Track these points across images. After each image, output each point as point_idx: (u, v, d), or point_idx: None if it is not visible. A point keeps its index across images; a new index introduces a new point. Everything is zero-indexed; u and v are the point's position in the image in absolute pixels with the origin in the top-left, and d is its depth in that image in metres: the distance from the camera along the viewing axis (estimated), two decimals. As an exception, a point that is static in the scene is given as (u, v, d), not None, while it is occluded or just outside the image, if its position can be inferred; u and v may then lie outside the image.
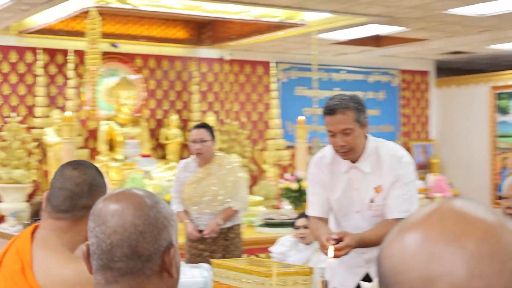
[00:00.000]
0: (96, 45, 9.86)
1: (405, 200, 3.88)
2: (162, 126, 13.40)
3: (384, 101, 16.07)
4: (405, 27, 11.94)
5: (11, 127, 11.80)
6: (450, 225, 1.01)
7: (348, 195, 4.00)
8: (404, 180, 3.91)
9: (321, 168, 4.08)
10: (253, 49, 14.02)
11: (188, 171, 6.41)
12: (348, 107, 3.82)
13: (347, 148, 3.84)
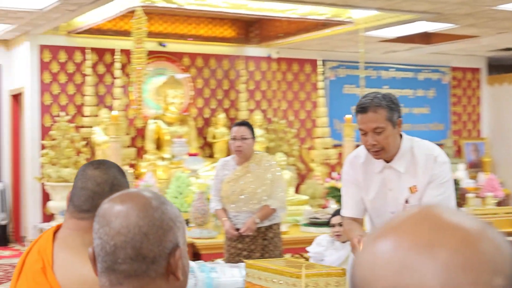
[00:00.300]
0: (142, 44, 9.90)
1: (441, 201, 3.77)
2: (210, 125, 13.42)
3: (434, 99, 15.86)
4: (454, 24, 11.76)
5: (60, 126, 11.93)
6: (424, 233, 0.94)
7: (382, 196, 3.91)
8: (440, 180, 3.79)
9: (355, 168, 3.99)
10: (300, 47, 13.96)
11: (227, 169, 6.37)
12: (380, 105, 3.72)
13: (378, 147, 3.74)
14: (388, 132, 3.73)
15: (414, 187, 3.83)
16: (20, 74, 12.59)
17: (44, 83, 12.34)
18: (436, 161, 3.80)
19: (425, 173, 3.79)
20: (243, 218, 6.30)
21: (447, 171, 3.84)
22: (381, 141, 3.72)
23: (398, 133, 3.81)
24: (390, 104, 3.75)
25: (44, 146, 11.95)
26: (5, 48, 13.03)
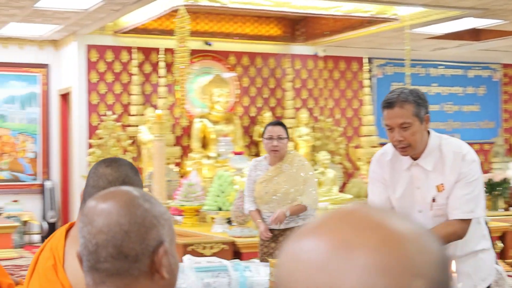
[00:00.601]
0: (185, 43, 9.93)
1: (469, 200, 3.66)
2: (256, 124, 13.41)
3: (484, 97, 15.63)
4: (503, 20, 11.57)
5: (107, 125, 12.05)
6: (345, 233, 0.90)
7: (409, 194, 3.82)
8: (468, 179, 3.69)
9: (382, 165, 3.90)
10: (347, 45, 13.87)
11: (259, 169, 6.33)
12: (407, 100, 3.63)
13: (404, 143, 3.64)
14: (415, 128, 3.63)
15: (442, 185, 3.74)
16: (68, 74, 12.74)
17: (91, 82, 12.47)
18: (464, 159, 3.70)
19: (453, 171, 3.70)
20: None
21: (475, 170, 3.73)
22: (408, 137, 3.63)
23: (425, 130, 3.72)
24: (417, 99, 3.66)
25: (91, 145, 12.08)
26: (54, 48, 13.21)
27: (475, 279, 3.82)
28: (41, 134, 13.18)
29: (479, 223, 3.85)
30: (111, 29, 12.45)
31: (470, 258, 3.82)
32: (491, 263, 3.94)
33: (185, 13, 9.88)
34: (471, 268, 3.81)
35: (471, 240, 3.79)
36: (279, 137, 6.16)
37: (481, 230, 3.88)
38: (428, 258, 0.90)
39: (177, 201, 10.10)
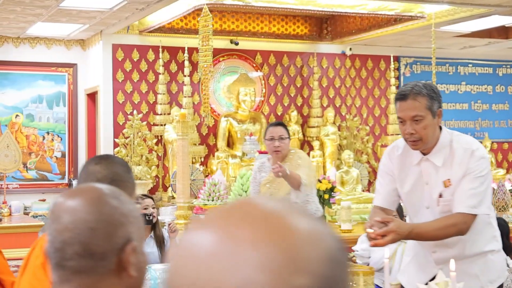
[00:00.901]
0: (208, 42, 9.92)
1: (474, 195, 3.57)
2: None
3: (514, 95, 15.46)
4: (530, 17, 11.41)
5: (133, 124, 12.08)
6: (233, 226, 0.85)
7: (418, 189, 3.76)
8: (475, 174, 3.61)
9: (392, 159, 3.86)
10: (375, 43, 13.78)
11: (264, 171, 6.31)
12: (421, 93, 3.58)
13: (416, 136, 3.59)
14: (427, 122, 3.59)
15: (448, 180, 3.68)
16: (94, 73, 12.79)
17: (118, 81, 12.51)
18: (473, 155, 3.64)
19: (461, 166, 3.64)
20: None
21: (484, 167, 3.66)
22: (420, 130, 3.58)
23: (437, 124, 3.67)
24: (430, 92, 3.61)
25: (117, 144, 12.12)
26: (81, 48, 13.27)
27: (483, 281, 3.75)
28: (68, 133, 13.25)
29: (490, 223, 3.79)
30: (137, 29, 12.48)
31: (479, 259, 3.75)
32: (502, 265, 3.86)
33: (208, 11, 9.86)
34: (479, 270, 3.74)
35: (479, 241, 3.73)
36: (280, 138, 6.14)
37: (491, 231, 3.81)
38: (316, 254, 0.85)
39: (200, 200, 10.10)
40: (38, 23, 11.60)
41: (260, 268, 0.82)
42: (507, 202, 9.79)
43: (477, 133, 15.01)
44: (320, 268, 0.84)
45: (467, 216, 3.58)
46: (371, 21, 12.44)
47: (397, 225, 3.48)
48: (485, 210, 3.64)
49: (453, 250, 3.73)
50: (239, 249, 0.83)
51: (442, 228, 3.56)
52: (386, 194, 3.87)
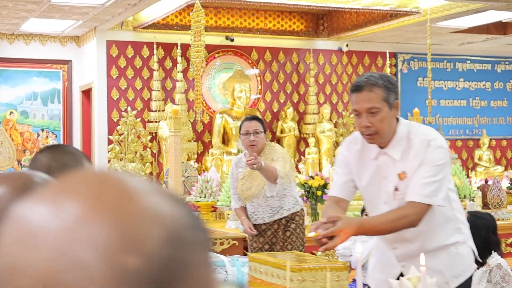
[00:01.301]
0: (200, 38, 9.83)
1: (428, 184, 3.37)
2: (279, 119, 13.29)
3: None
4: (527, 12, 11.31)
5: (127, 121, 12.00)
6: (61, 198, 0.76)
7: (375, 183, 3.59)
8: (431, 163, 3.40)
9: (350, 150, 3.69)
10: (372, 39, 13.68)
11: (241, 166, 6.24)
12: (377, 84, 3.41)
13: (372, 130, 3.42)
14: (383, 114, 3.42)
15: (404, 173, 3.52)
16: (89, 70, 12.72)
17: (112, 78, 12.44)
18: (429, 145, 3.46)
19: (416, 157, 3.47)
20: (261, 213, 6.19)
21: (441, 156, 3.46)
22: (376, 123, 3.41)
23: (394, 117, 3.50)
24: (387, 83, 3.45)
25: (111, 141, 12.05)
26: (76, 44, 13.20)
27: (447, 276, 3.60)
28: (62, 130, 13.18)
29: (453, 215, 3.65)
30: (131, 25, 12.41)
31: (442, 253, 3.60)
32: (468, 258, 3.70)
33: (200, 7, 9.77)
34: (443, 264, 3.59)
35: (441, 234, 3.58)
36: (255, 132, 6.06)
37: (455, 223, 3.65)
38: (154, 233, 0.75)
39: (192, 197, 10.02)
40: (31, 19, 11.53)
41: (88, 247, 0.72)
42: (502, 199, 9.70)
43: (475, 130, 14.91)
44: (156, 249, 0.74)
45: (420, 206, 3.40)
46: (367, 16, 12.35)
47: (345, 223, 3.30)
48: (440, 201, 3.45)
49: (413, 245, 3.59)
50: (67, 225, 0.74)
51: (393, 220, 3.41)
52: (342, 184, 3.70)
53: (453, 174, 10.44)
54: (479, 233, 5.16)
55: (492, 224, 5.26)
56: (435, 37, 13.28)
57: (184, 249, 0.77)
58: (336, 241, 3.25)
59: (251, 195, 6.18)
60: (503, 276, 5.13)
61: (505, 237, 9.70)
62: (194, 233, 0.79)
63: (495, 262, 5.13)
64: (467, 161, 14.83)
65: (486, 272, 5.16)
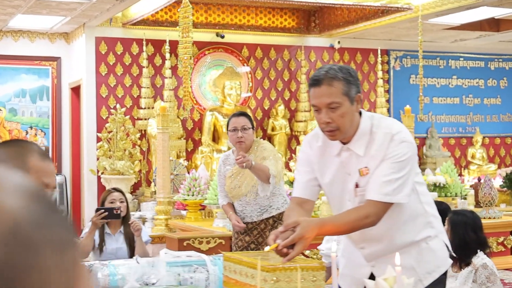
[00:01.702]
0: (188, 34, 9.70)
1: (391, 182, 3.19)
2: (270, 117, 13.17)
3: (506, 89, 15.23)
4: (520, 9, 11.20)
5: (116, 118, 11.87)
6: None
7: (339, 180, 3.39)
8: (394, 159, 3.19)
9: (312, 147, 3.49)
10: (364, 36, 13.57)
11: (229, 164, 6.10)
12: (336, 77, 3.21)
13: (332, 126, 3.23)
14: (344, 109, 3.24)
15: (366, 169, 3.33)
16: (78, 67, 12.60)
17: (101, 75, 12.31)
18: (392, 140, 3.28)
19: (379, 152, 3.29)
20: (249, 212, 6.05)
21: (404, 152, 3.27)
22: (336, 119, 3.23)
23: (356, 111, 3.32)
24: (347, 76, 3.26)
25: (99, 139, 11.92)
26: (65, 41, 13.07)
27: (420, 273, 3.43)
28: (52, 128, 13.05)
29: (422, 209, 3.48)
30: (120, 21, 12.29)
31: (412, 249, 3.43)
32: (441, 252, 3.53)
33: (188, 3, 9.64)
34: (414, 261, 3.42)
35: (410, 230, 3.42)
36: (243, 128, 5.92)
37: (425, 217, 3.48)
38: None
39: (180, 195, 9.90)
40: (19, 16, 11.40)
41: None
42: (494, 197, 9.59)
43: (468, 127, 14.81)
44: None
45: (380, 205, 3.22)
46: (359, 13, 12.24)
47: (305, 227, 3.10)
48: (403, 198, 3.27)
49: (381, 244, 3.42)
50: None
51: (354, 221, 3.24)
52: (305, 184, 3.51)
53: (444, 172, 10.34)
54: (457, 230, 5.05)
55: (472, 221, 5.12)
56: (427, 34, 13.17)
57: (24, 250, 0.65)
58: (298, 249, 3.07)
59: (240, 193, 6.04)
60: (488, 276, 5.01)
61: (497, 235, 9.60)
62: (44, 232, 0.67)
63: (481, 262, 5.01)
64: (460, 159, 14.73)
65: (471, 272, 5.04)
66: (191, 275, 5.24)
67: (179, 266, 5.24)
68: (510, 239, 9.65)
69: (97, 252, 5.79)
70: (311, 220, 3.25)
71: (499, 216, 9.63)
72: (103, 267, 4.55)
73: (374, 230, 3.32)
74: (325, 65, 3.31)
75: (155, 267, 5.16)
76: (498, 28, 13.18)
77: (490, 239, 9.56)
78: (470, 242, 5.03)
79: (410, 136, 3.33)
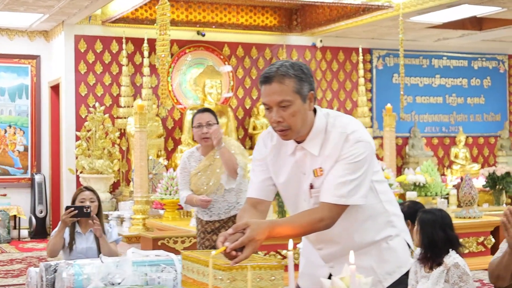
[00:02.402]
0: (166, 32, 9.59)
1: (346, 183, 3.08)
2: (251, 116, 13.08)
3: (489, 89, 15.18)
4: (501, 7, 11.13)
5: (95, 117, 11.75)
6: None
7: (295, 180, 3.26)
8: (349, 159, 3.07)
9: (266, 145, 3.35)
10: (346, 35, 13.48)
11: (193, 161, 5.99)
12: (287, 75, 3.06)
13: (284, 125, 3.08)
14: (295, 108, 3.10)
15: (320, 169, 3.20)
16: (57, 65, 12.47)
17: (80, 73, 12.19)
18: (347, 140, 3.13)
19: (333, 153, 3.16)
20: (217, 210, 5.95)
21: (360, 152, 3.12)
22: (288, 118, 3.09)
23: (309, 109, 3.19)
24: (299, 73, 3.11)
25: (78, 138, 11.80)
26: (45, 39, 12.95)
27: (380, 274, 3.31)
28: (31, 126, 12.92)
29: (382, 208, 3.36)
30: (100, 19, 12.16)
31: (372, 249, 3.30)
32: (402, 253, 3.41)
33: (166, 0, 9.52)
34: (374, 261, 3.30)
35: (369, 230, 3.30)
36: (208, 124, 5.83)
37: (385, 217, 3.36)
38: None
39: (157, 194, 9.79)
40: (-4, 13, 11.29)
41: None
42: (474, 196, 9.51)
43: (451, 127, 14.75)
44: None
45: (334, 208, 3.10)
46: (340, 11, 12.16)
47: (255, 230, 2.97)
48: (359, 199, 3.15)
49: (339, 244, 3.30)
50: None
51: (307, 225, 3.11)
52: (260, 184, 3.37)
53: (424, 171, 10.26)
54: (425, 229, 4.95)
55: (440, 219, 5.01)
56: (410, 33, 13.11)
57: None
58: (248, 252, 2.95)
59: (209, 191, 5.93)
60: (460, 276, 4.91)
61: (477, 235, 9.53)
62: None
63: (453, 261, 4.91)
64: (443, 158, 14.67)
65: (443, 272, 4.93)
66: (159, 274, 5.12)
67: (146, 266, 5.13)
68: (490, 239, 9.57)
69: (67, 251, 5.68)
70: (262, 222, 3.12)
71: (479, 216, 9.54)
72: (68, 267, 4.43)
73: (331, 232, 3.20)
74: (277, 61, 3.18)
75: (120, 266, 5.04)
76: (481, 27, 13.12)
77: (470, 238, 9.49)
78: (439, 241, 4.93)
79: (367, 135, 3.21)
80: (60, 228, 5.56)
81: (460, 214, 9.55)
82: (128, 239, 9.84)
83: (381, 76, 14.08)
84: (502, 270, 3.73)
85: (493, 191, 12.03)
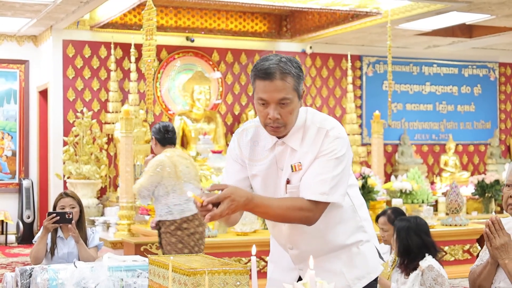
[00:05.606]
0: (152, 37, 9.55)
1: (325, 180, 3.04)
2: (240, 122, 13.04)
3: (480, 96, 15.16)
4: (489, 15, 11.11)
5: (82, 122, 11.71)
6: None
7: (272, 175, 3.22)
8: (329, 156, 3.07)
9: (241, 144, 3.32)
10: (336, 42, 13.46)
11: None
12: (290, 73, 3.04)
13: (280, 122, 3.06)
14: (293, 105, 3.07)
15: (299, 164, 3.17)
16: (45, 70, 12.43)
17: (68, 78, 12.15)
18: (327, 136, 3.09)
19: (312, 148, 3.12)
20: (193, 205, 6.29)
21: (339, 148, 3.07)
22: (285, 115, 3.06)
23: (300, 106, 3.20)
24: (298, 71, 3.08)
25: (66, 143, 11.75)
26: (33, 44, 12.91)
27: (349, 278, 3.26)
28: (19, 131, 12.87)
29: (354, 212, 3.31)
30: (88, 24, 12.13)
31: (342, 253, 3.26)
32: (371, 258, 3.37)
33: (152, 4, 9.49)
34: (344, 265, 3.26)
35: (341, 233, 3.26)
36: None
37: (356, 221, 3.32)
38: None
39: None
40: (-17, 18, 11.26)
41: None
42: (460, 204, 9.47)
43: (441, 134, 14.73)
44: None
45: (315, 204, 3.11)
46: (329, 18, 12.14)
47: (232, 190, 2.95)
48: (339, 197, 3.11)
49: (310, 245, 3.26)
50: None
51: (287, 208, 3.05)
52: (236, 184, 3.34)
53: (411, 178, 10.22)
54: (400, 235, 4.97)
55: (415, 226, 5.01)
56: (400, 40, 13.10)
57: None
58: (223, 208, 2.89)
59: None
60: (435, 278, 4.90)
61: (463, 243, 9.49)
62: None
63: (426, 264, 4.90)
64: (433, 166, 14.64)
65: (418, 275, 4.93)
66: (135, 280, 5.07)
67: (122, 271, 5.08)
68: (476, 247, 9.53)
69: (49, 256, 5.64)
70: (242, 189, 3.07)
71: (465, 224, 9.50)
72: (43, 272, 4.39)
73: (303, 231, 3.16)
74: (270, 55, 3.12)
75: (95, 271, 4.99)
76: (471, 34, 13.11)
77: (456, 246, 9.45)
78: (414, 246, 4.93)
79: (344, 132, 3.17)
80: (42, 234, 5.52)
81: (446, 222, 9.51)
82: (113, 245, 9.79)
83: (371, 83, 14.06)
84: (484, 281, 3.68)
85: (482, 199, 12.00)
